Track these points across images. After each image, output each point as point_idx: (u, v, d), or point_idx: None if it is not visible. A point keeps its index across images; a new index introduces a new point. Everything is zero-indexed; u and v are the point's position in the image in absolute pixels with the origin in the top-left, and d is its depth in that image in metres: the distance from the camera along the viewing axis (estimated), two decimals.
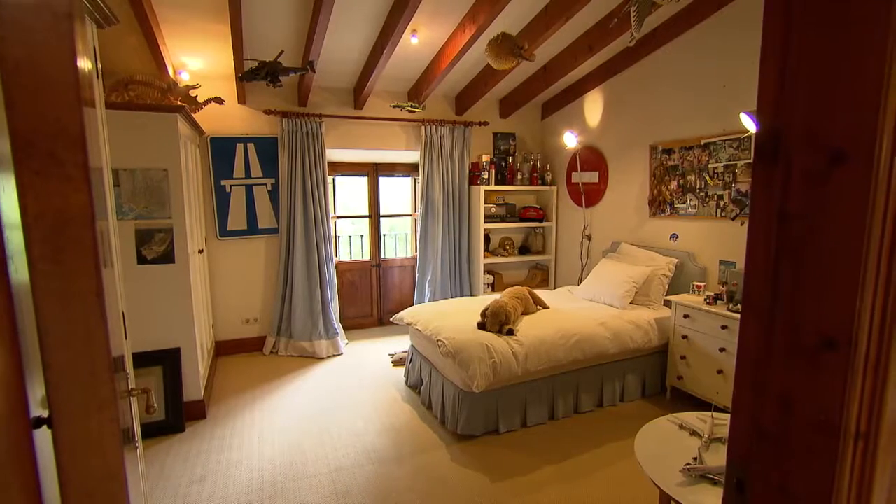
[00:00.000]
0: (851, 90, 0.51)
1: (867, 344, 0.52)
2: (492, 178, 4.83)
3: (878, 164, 0.49)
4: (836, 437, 0.55)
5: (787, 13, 0.56)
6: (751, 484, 0.66)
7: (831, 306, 0.54)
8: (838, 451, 0.55)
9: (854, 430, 0.54)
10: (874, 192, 0.50)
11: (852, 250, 0.52)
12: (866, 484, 0.55)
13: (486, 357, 2.76)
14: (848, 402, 0.54)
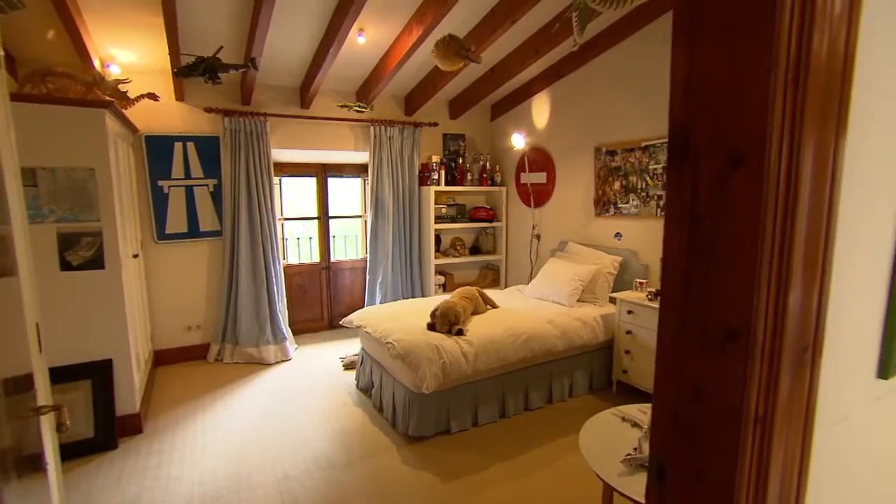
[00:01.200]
0: (745, 100, 0.54)
1: (763, 334, 0.56)
2: (442, 178, 4.85)
3: (769, 167, 0.53)
4: (738, 421, 0.58)
5: (690, 34, 0.59)
6: (670, 471, 0.69)
7: (734, 300, 0.57)
8: (740, 434, 0.58)
9: (753, 414, 0.57)
10: (766, 192, 0.53)
11: (750, 247, 0.55)
12: (764, 463, 0.58)
13: (435, 358, 2.76)
14: (748, 388, 0.57)
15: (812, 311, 0.58)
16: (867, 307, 0.71)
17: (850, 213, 0.63)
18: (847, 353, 0.70)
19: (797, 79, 0.51)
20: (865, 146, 0.63)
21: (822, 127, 0.54)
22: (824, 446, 0.68)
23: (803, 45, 0.51)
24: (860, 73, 0.57)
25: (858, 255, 0.67)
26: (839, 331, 0.67)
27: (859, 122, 0.60)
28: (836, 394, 0.69)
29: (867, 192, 0.65)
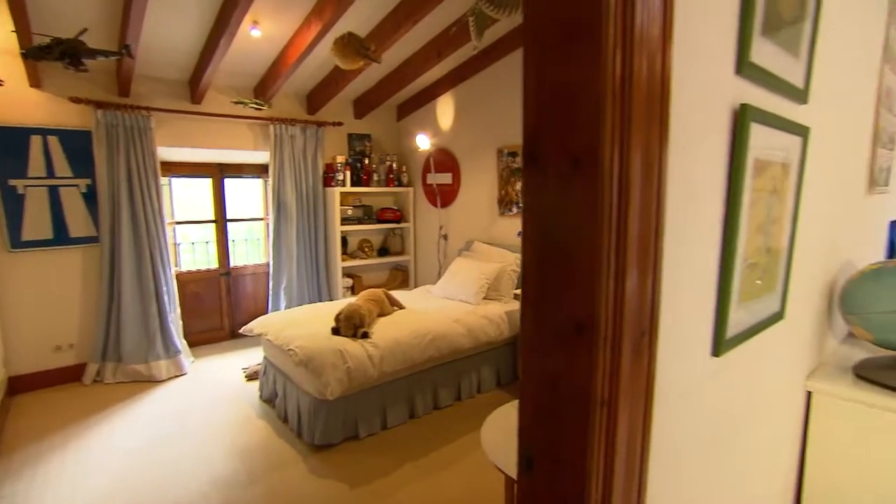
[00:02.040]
0: (580, 110, 0.59)
1: (605, 325, 0.61)
2: (347, 179, 4.75)
3: (603, 169, 0.58)
4: (587, 406, 0.63)
5: (537, 54, 0.63)
6: (537, 459, 0.73)
7: (580, 294, 0.62)
8: (590, 418, 0.63)
9: (600, 399, 0.62)
10: (602, 191, 0.58)
11: (591, 243, 0.60)
12: (611, 442, 0.64)
13: (339, 363, 2.70)
14: (594, 376, 0.62)
15: (647, 299, 0.64)
16: (700, 294, 0.80)
17: (677, 209, 0.71)
18: (684, 335, 0.78)
19: (623, 93, 0.57)
20: (684, 150, 0.70)
21: (647, 134, 0.60)
22: (666, 421, 0.76)
23: (626, 64, 0.56)
24: (676, 88, 0.65)
25: (689, 247, 0.75)
26: (676, 316, 0.75)
27: (676, 129, 0.67)
28: (676, 373, 0.77)
29: (691, 190, 0.74)
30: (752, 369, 1.04)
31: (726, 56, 0.77)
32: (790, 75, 0.96)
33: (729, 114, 0.79)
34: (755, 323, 0.98)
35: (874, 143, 1.68)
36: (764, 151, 0.89)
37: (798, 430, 1.44)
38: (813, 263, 1.35)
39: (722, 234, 0.82)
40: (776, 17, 0.88)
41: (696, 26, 0.70)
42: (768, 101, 0.91)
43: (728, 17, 0.76)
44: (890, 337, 1.33)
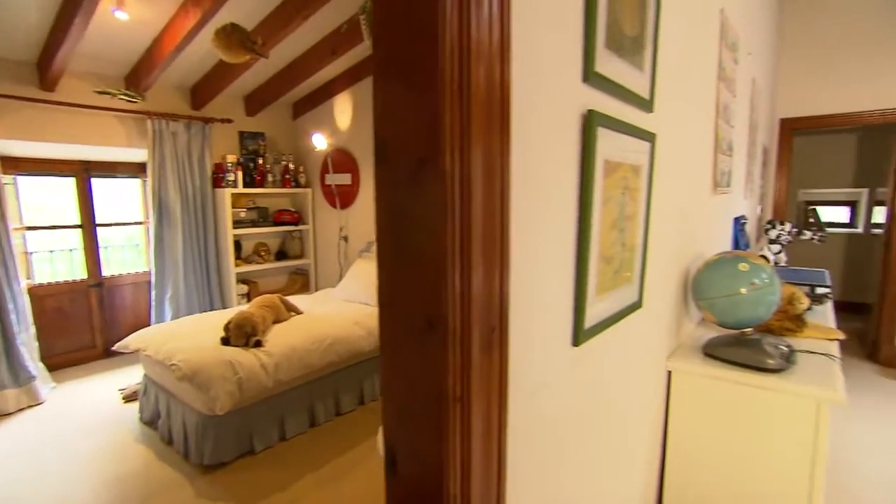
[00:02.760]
0: (423, 117, 0.60)
1: (454, 321, 0.62)
2: (239, 180, 4.46)
3: (445, 169, 0.59)
4: (442, 403, 0.64)
5: (384, 67, 0.64)
6: (399, 460, 0.73)
7: (429, 292, 0.63)
8: (446, 415, 0.64)
9: (452, 395, 0.63)
10: (445, 191, 0.59)
11: (438, 241, 0.61)
12: (466, 439, 0.65)
13: (229, 375, 2.52)
14: (447, 372, 0.63)
15: (496, 296, 0.66)
16: (557, 288, 0.86)
17: (529, 207, 0.75)
18: (542, 328, 0.83)
19: (461, 101, 0.59)
20: (536, 152, 0.75)
21: (488, 137, 0.62)
22: (525, 412, 0.80)
23: (464, 75, 0.58)
24: (525, 94, 0.68)
25: (543, 244, 0.80)
26: (532, 310, 0.79)
27: (527, 132, 0.71)
28: (534, 364, 0.81)
29: (544, 190, 0.78)
30: (614, 355, 1.14)
31: (574, 65, 0.83)
32: (636, 86, 1.06)
33: (578, 118, 0.85)
34: (615, 312, 1.07)
35: (716, 150, 1.92)
36: (614, 154, 0.97)
37: (662, 406, 1.60)
38: (668, 256, 1.50)
39: (577, 231, 0.88)
40: (619, 34, 0.96)
41: (541, 37, 0.74)
42: (617, 108, 1.00)
43: (573, 30, 0.82)
44: (728, 318, 1.52)
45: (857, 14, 4.03)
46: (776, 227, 3.27)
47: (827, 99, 4.22)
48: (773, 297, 1.50)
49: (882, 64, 3.97)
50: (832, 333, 1.83)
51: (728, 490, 1.53)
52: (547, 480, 0.89)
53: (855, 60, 4.07)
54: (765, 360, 1.45)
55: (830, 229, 6.22)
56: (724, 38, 1.92)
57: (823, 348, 1.67)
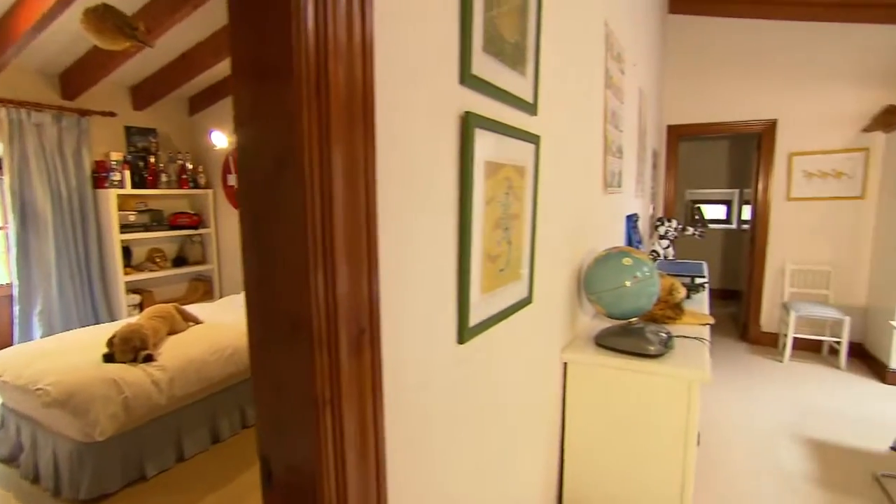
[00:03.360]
0: (279, 120, 0.57)
1: (319, 324, 0.60)
2: (127, 180, 4.05)
3: (304, 169, 0.56)
4: (312, 407, 0.61)
5: (241, 73, 0.62)
6: (274, 470, 0.69)
7: (293, 294, 0.60)
8: (317, 420, 0.61)
9: (321, 399, 0.61)
10: (305, 191, 0.57)
11: (300, 242, 0.58)
12: (339, 444, 0.63)
13: (113, 395, 2.28)
14: (315, 375, 0.60)
15: (364, 297, 0.65)
16: (439, 287, 0.86)
17: (404, 207, 0.74)
18: (422, 327, 0.82)
19: (319, 100, 0.57)
20: (412, 152, 0.74)
21: (350, 137, 0.60)
22: (406, 413, 0.79)
23: (322, 74, 0.56)
24: (385, 95, 0.67)
25: (421, 245, 0.80)
26: (411, 310, 0.79)
27: (402, 133, 0.70)
28: (414, 364, 0.81)
29: (421, 190, 0.78)
30: (505, 351, 1.17)
31: (450, 67, 0.84)
32: (519, 90, 1.10)
33: (456, 120, 0.86)
34: (503, 309, 1.10)
35: (605, 153, 2.05)
36: (496, 155, 0.99)
37: (559, 398, 1.68)
38: (560, 252, 1.58)
39: (457, 231, 0.89)
40: (499, 39, 0.99)
41: (411, 39, 0.74)
42: (499, 111, 1.03)
43: (447, 33, 0.83)
44: (615, 310, 1.63)
45: (726, 39, 4.53)
46: (664, 224, 3.59)
47: (705, 109, 4.70)
48: (654, 288, 1.63)
49: (746, 82, 4.50)
50: (705, 319, 2.03)
51: (619, 469, 1.64)
52: (435, 480, 0.90)
53: (726, 77, 4.58)
54: (646, 347, 1.58)
55: (712, 225, 6.95)
56: (610, 49, 2.06)
57: (697, 333, 1.85)
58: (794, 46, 4.29)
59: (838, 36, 4.13)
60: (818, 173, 4.38)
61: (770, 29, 4.35)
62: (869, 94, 4.09)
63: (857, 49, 4.09)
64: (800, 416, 3.19)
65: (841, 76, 4.17)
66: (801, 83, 4.31)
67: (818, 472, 2.54)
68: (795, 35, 4.27)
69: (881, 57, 4.02)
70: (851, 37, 4.09)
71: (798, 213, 4.48)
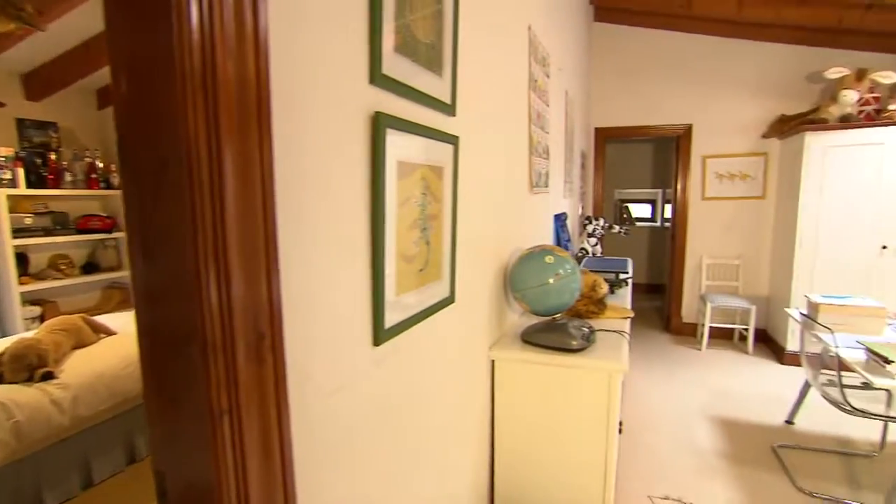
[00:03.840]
0: (164, 118, 0.53)
1: (213, 332, 0.56)
2: (20, 179, 3.66)
3: (192, 169, 0.53)
4: (209, 419, 0.57)
5: (121, 58, 0.57)
6: (170, 487, 0.64)
7: (184, 301, 0.56)
8: (215, 431, 0.58)
9: (218, 410, 0.57)
10: (191, 196, 0.53)
11: (189, 246, 0.54)
12: (240, 453, 0.60)
13: (0, 420, 2.05)
14: (211, 385, 0.57)
15: (263, 303, 0.62)
16: (350, 290, 0.84)
17: (308, 210, 0.71)
18: (333, 331, 0.80)
19: (206, 97, 0.53)
20: (306, 151, 0.71)
21: (243, 136, 0.57)
22: (318, 419, 0.77)
23: (209, 69, 0.53)
24: (284, 93, 0.65)
25: (328, 247, 0.77)
26: (323, 313, 0.76)
27: (292, 131, 0.67)
28: (325, 369, 0.78)
29: (328, 192, 0.76)
30: (427, 350, 1.17)
31: (358, 67, 0.82)
32: (435, 91, 1.10)
33: (366, 120, 0.85)
34: (423, 309, 1.10)
35: (530, 154, 2.11)
36: (410, 155, 0.98)
37: (488, 396, 1.70)
38: (485, 252, 1.60)
39: (370, 232, 0.87)
40: (413, 40, 0.98)
41: (315, 37, 0.72)
42: (413, 111, 1.02)
43: (355, 33, 0.81)
44: (539, 307, 1.68)
45: (647, 47, 4.81)
46: (592, 222, 3.74)
47: (630, 112, 4.96)
48: (576, 284, 1.69)
49: (665, 88, 4.81)
50: (625, 313, 2.14)
51: (547, 461, 1.69)
52: (357, 483, 0.88)
53: (648, 83, 4.86)
54: (569, 342, 1.63)
55: (639, 224, 7.37)
56: (534, 53, 2.12)
57: (618, 326, 1.94)
58: (706, 58, 4.63)
59: (743, 51, 4.51)
60: (727, 175, 4.75)
61: (686, 41, 4.66)
62: (767, 104, 4.49)
63: (757, 64, 4.48)
64: (713, 397, 3.45)
65: (745, 87, 4.55)
66: (713, 92, 4.66)
67: (727, 447, 2.76)
68: (708, 48, 4.61)
69: (777, 72, 4.43)
70: (753, 53, 4.47)
71: (712, 212, 4.84)
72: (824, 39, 4.16)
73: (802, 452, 2.70)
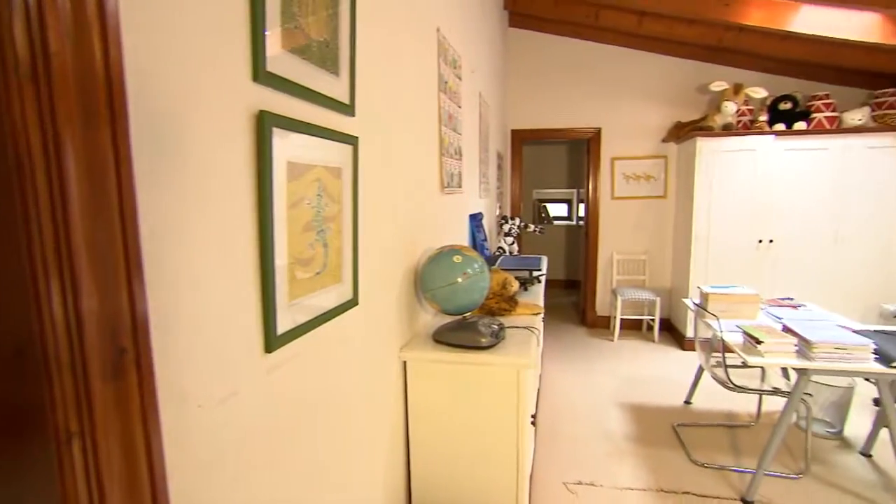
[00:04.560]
0: None
1: (57, 347, 0.52)
2: None
3: (24, 169, 0.48)
4: (54, 442, 0.53)
5: None
6: None
7: (20, 312, 0.51)
8: (61, 455, 0.53)
9: (65, 432, 0.53)
10: (22, 199, 0.49)
11: (21, 254, 0.50)
12: (94, 477, 0.56)
13: None
14: (55, 406, 0.52)
15: (124, 313, 0.58)
16: (235, 295, 0.81)
17: (173, 211, 0.68)
18: (224, 339, 0.77)
19: (38, 88, 0.49)
20: (175, 149, 0.68)
21: (90, 131, 0.53)
22: (211, 428, 0.74)
23: (38, 53, 0.49)
24: (142, 86, 0.61)
25: (207, 252, 0.74)
26: (209, 322, 0.73)
27: (156, 128, 0.64)
28: (208, 379, 0.75)
29: (207, 194, 0.73)
30: (329, 354, 1.15)
31: (239, 63, 0.79)
32: (332, 91, 1.09)
33: (249, 118, 0.82)
34: (322, 313, 1.08)
35: (441, 154, 2.14)
36: (302, 156, 0.96)
37: (401, 398, 1.70)
38: (392, 252, 1.60)
39: (257, 235, 0.85)
40: (304, 37, 0.96)
41: (187, 27, 0.68)
42: (307, 111, 1.00)
43: (236, 25, 0.78)
44: (449, 306, 1.71)
45: (560, 53, 5.06)
46: (508, 222, 3.87)
47: (545, 115, 5.19)
48: (484, 283, 1.75)
49: (577, 93, 5.08)
50: (535, 309, 2.23)
51: (463, 458, 1.72)
52: (256, 496, 0.84)
53: (561, 87, 5.11)
54: (479, 340, 1.68)
55: (557, 222, 7.72)
56: (444, 55, 2.16)
57: (528, 322, 2.02)
58: (613, 66, 4.95)
59: (645, 62, 4.87)
60: (633, 176, 5.11)
61: (595, 50, 4.96)
62: (666, 110, 4.89)
63: (657, 74, 4.86)
64: (623, 385, 3.69)
65: (647, 94, 4.92)
66: (619, 97, 4.99)
67: (635, 430, 2.97)
68: (614, 57, 4.93)
69: (673, 82, 4.83)
70: (654, 64, 4.85)
71: (621, 210, 5.18)
72: (710, 56, 4.60)
73: (697, 429, 2.96)
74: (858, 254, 4.13)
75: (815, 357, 2.12)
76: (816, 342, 2.12)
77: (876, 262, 4.11)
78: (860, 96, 4.38)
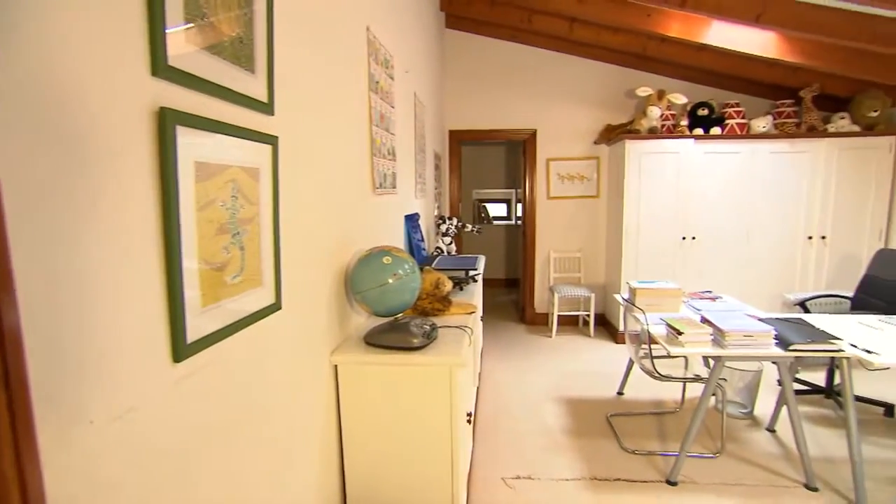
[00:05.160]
0: None
1: None
2: None
3: None
4: None
5: None
6: None
7: None
8: None
9: None
10: None
11: None
12: None
13: None
14: None
15: None
16: (140, 304, 0.76)
17: (59, 214, 0.63)
18: (122, 349, 0.72)
19: None
20: (53, 151, 0.63)
21: None
22: (113, 445, 0.69)
23: None
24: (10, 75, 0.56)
25: (101, 257, 0.69)
26: (105, 332, 0.68)
27: (29, 119, 0.59)
28: (116, 392, 0.70)
29: (82, 195, 0.67)
30: (250, 360, 1.10)
31: (135, 56, 0.74)
32: (246, 88, 1.05)
33: (149, 116, 0.77)
34: (241, 318, 1.03)
35: (372, 155, 2.12)
36: (213, 156, 0.92)
37: (333, 403, 1.67)
38: (319, 254, 1.56)
39: (162, 239, 0.80)
40: (214, 32, 0.92)
41: (69, 11, 0.63)
42: (219, 108, 0.96)
43: (131, 14, 0.73)
44: (380, 307, 1.70)
45: (496, 56, 5.16)
46: (446, 222, 3.90)
47: (482, 116, 5.27)
48: (416, 283, 1.74)
49: (513, 95, 5.20)
50: (469, 308, 2.26)
51: (398, 460, 1.71)
52: None
53: (498, 89, 5.21)
54: (411, 340, 1.67)
55: (497, 222, 7.86)
56: (374, 54, 2.14)
57: (462, 322, 2.04)
58: (547, 69, 5.11)
59: (577, 66, 5.07)
60: (568, 176, 5.30)
61: (530, 53, 5.10)
62: (597, 113, 5.11)
63: (588, 78, 5.07)
64: (561, 379, 3.82)
65: (579, 98, 5.11)
66: (554, 100, 5.16)
67: (571, 423, 3.08)
68: (548, 60, 5.09)
69: (603, 86, 5.06)
70: (585, 68, 5.06)
71: (556, 210, 5.35)
72: (636, 63, 4.86)
73: (628, 418, 3.12)
74: (764, 249, 4.51)
75: (728, 345, 2.29)
76: (728, 331, 2.29)
77: (778, 256, 4.51)
78: (765, 106, 4.79)
